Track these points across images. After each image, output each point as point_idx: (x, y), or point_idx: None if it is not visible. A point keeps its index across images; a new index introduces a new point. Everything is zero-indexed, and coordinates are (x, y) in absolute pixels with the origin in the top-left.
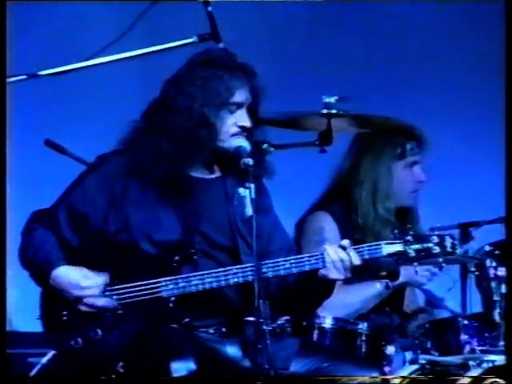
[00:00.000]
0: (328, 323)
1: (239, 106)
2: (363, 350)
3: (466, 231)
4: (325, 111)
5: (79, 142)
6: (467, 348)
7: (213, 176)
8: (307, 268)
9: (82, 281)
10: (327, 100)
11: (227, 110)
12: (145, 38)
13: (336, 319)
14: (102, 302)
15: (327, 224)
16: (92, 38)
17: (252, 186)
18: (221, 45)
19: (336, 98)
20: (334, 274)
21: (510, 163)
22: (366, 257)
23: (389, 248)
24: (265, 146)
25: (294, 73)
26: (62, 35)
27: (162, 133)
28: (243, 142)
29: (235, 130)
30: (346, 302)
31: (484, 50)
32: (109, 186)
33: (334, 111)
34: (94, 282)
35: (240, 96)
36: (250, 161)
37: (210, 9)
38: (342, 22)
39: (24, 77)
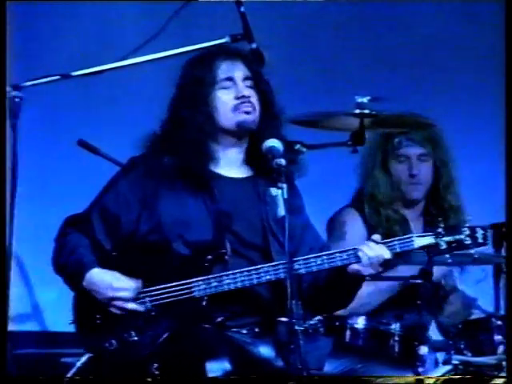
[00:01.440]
0: (360, 323)
1: (231, 79)
2: (396, 350)
3: (498, 231)
4: (357, 111)
5: (108, 144)
6: (501, 348)
7: (245, 175)
8: (339, 263)
9: (115, 282)
10: (360, 100)
11: (221, 88)
12: (176, 39)
13: (368, 319)
14: (132, 305)
15: (350, 219)
16: (121, 40)
17: (285, 186)
18: (253, 45)
19: (368, 98)
20: (367, 271)
21: (511, 162)
22: (398, 250)
23: (420, 241)
24: (297, 146)
25: (326, 73)
26: (91, 35)
27: (181, 131)
28: (276, 143)
29: (236, 102)
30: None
31: (485, 49)
32: (141, 188)
33: (366, 111)
34: (126, 285)
35: (226, 71)
36: (283, 161)
37: (242, 9)
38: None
39: (57, 77)
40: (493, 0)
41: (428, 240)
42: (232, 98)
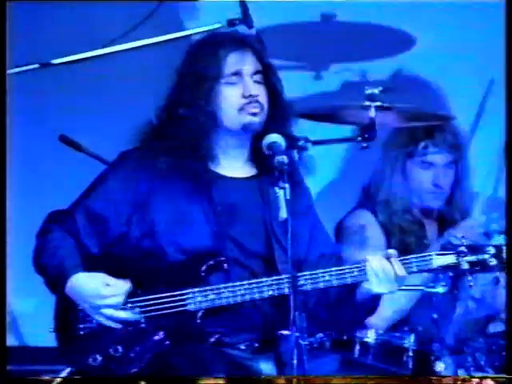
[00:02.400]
0: (371, 337)
1: (238, 74)
2: (410, 367)
3: None
4: (367, 103)
5: (93, 139)
6: None
7: (248, 175)
8: (349, 280)
9: (103, 289)
10: (370, 91)
11: (226, 83)
12: (168, 25)
13: (380, 333)
14: (124, 314)
15: (368, 223)
16: (109, 24)
17: (287, 186)
18: (253, 30)
19: (380, 88)
20: (377, 287)
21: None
22: (415, 269)
23: (440, 260)
24: (301, 142)
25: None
26: (74, 21)
27: (179, 126)
28: (277, 138)
29: (242, 101)
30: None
31: (485, 50)
32: (132, 187)
33: (377, 103)
34: (115, 291)
35: (234, 64)
36: (285, 158)
37: None
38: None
39: (36, 66)
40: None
41: (448, 259)
42: (238, 95)
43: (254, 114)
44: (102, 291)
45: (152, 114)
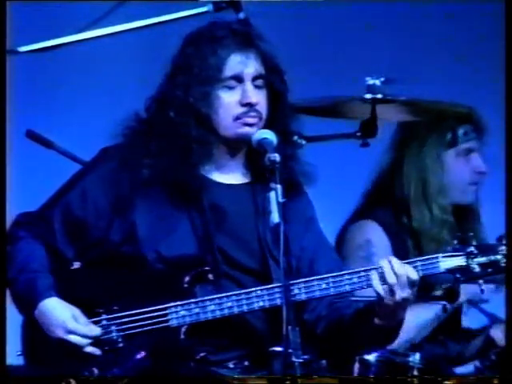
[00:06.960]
0: (372, 355)
1: (237, 79)
2: None
3: None
4: (368, 96)
5: (71, 134)
6: None
7: (240, 182)
8: (347, 288)
9: (70, 322)
10: (371, 82)
11: (224, 87)
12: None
13: (382, 350)
14: (87, 349)
15: (375, 235)
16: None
17: (279, 187)
18: (241, 15)
19: (382, 79)
20: (384, 301)
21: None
22: (420, 273)
23: (448, 262)
24: (295, 137)
25: (333, 51)
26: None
27: (166, 131)
28: (268, 134)
29: (240, 109)
30: None
31: (484, 50)
32: (113, 188)
33: (379, 96)
34: (82, 329)
35: (234, 67)
36: (277, 157)
37: None
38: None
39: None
40: (492, 0)
41: (457, 262)
42: (236, 102)
43: (251, 125)
44: (69, 324)
45: (139, 105)
